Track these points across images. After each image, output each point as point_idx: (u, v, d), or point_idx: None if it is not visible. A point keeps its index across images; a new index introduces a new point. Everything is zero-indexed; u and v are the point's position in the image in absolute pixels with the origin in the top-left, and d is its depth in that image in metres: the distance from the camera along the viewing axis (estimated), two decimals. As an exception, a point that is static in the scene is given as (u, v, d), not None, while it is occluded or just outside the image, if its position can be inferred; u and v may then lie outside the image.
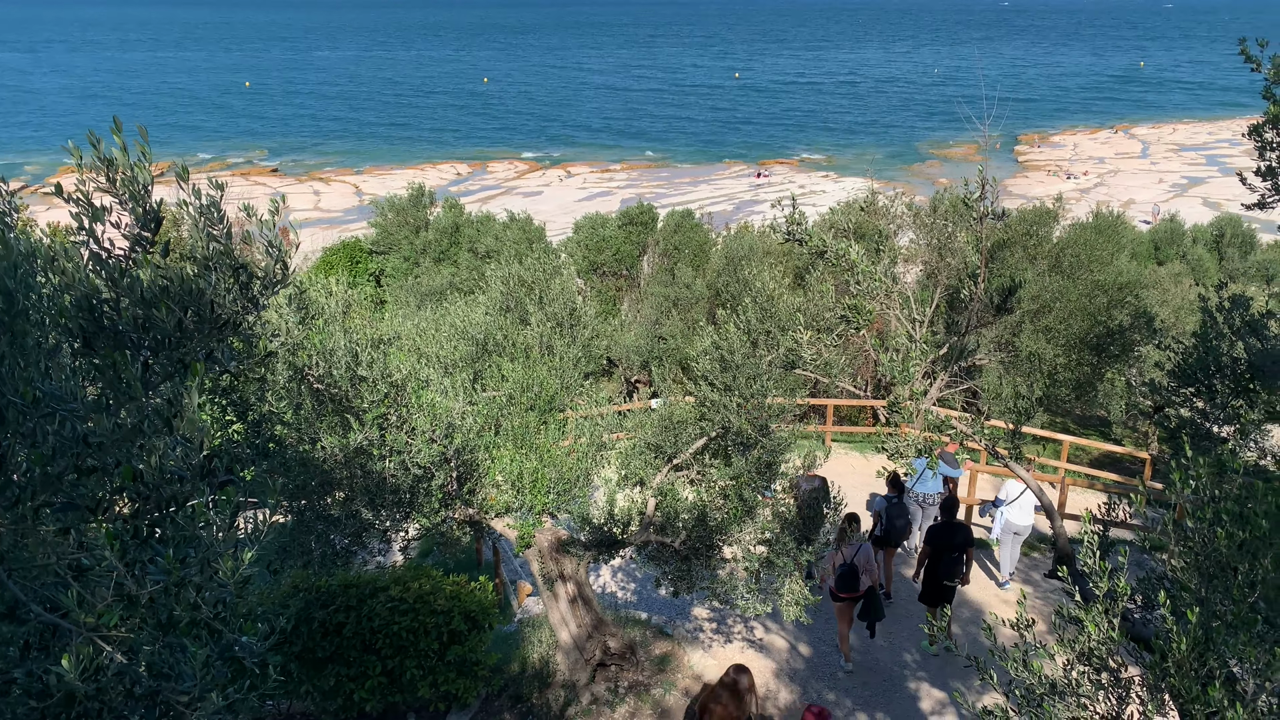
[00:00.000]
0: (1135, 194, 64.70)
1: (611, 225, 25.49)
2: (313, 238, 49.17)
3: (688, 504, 9.26)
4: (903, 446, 6.51)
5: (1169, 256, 40.23)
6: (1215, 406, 6.09)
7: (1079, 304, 20.71)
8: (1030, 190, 63.53)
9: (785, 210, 8.46)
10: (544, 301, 10.62)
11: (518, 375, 9.71)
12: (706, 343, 9.10)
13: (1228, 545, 3.67)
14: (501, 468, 9.63)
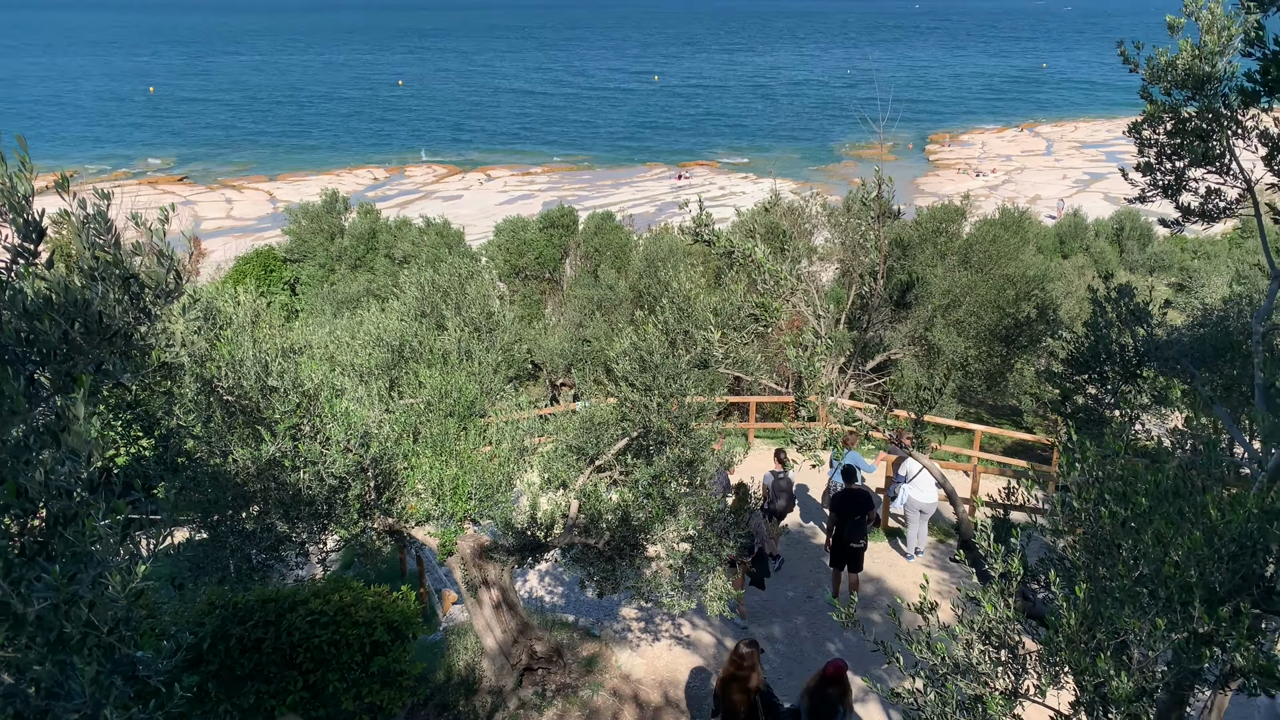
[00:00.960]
0: (1041, 190, 67.00)
1: (532, 228, 25.41)
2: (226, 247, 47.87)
3: (611, 504, 9.29)
4: (809, 439, 6.67)
5: (1073, 250, 41.78)
6: (1106, 392, 6.39)
7: (988, 298, 21.38)
8: (941, 188, 65.25)
9: (693, 212, 8.57)
10: (460, 306, 10.54)
11: (435, 382, 9.62)
12: (626, 344, 9.15)
13: (1111, 524, 3.86)
14: (421, 475, 9.53)
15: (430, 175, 78.24)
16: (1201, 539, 3.78)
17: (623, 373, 8.91)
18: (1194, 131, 6.01)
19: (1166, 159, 6.33)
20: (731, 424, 19.12)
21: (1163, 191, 6.47)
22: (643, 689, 11.11)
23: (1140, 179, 6.64)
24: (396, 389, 10.30)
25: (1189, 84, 6.06)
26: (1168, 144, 6.27)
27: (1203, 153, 5.96)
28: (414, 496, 9.72)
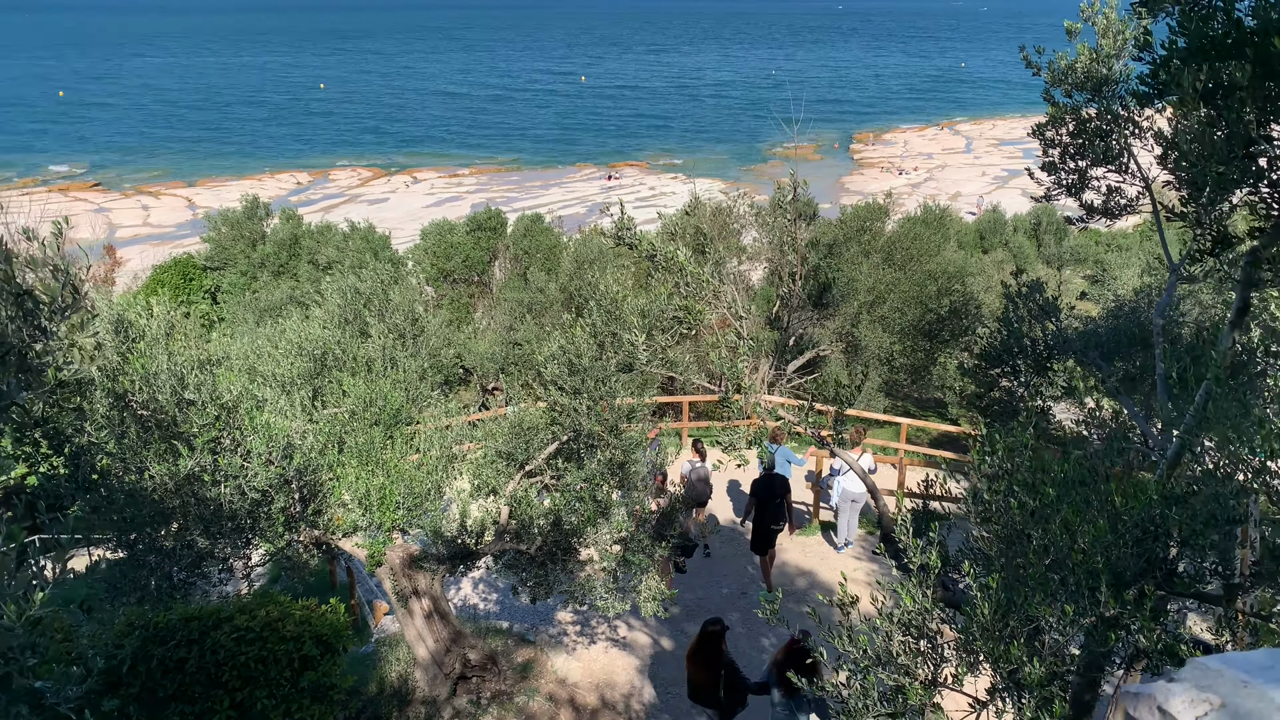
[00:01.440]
0: (962, 187, 68.63)
1: (459, 231, 25.16)
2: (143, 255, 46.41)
3: (543, 509, 9.26)
4: (734, 438, 6.76)
5: (993, 245, 42.84)
6: (1019, 384, 6.61)
7: (911, 294, 21.84)
8: (866, 186, 66.42)
9: (615, 215, 8.59)
10: (384, 312, 10.39)
11: (359, 390, 9.47)
12: (554, 347, 9.13)
13: (1021, 514, 3.98)
14: (347, 486, 9.37)
15: (355, 178, 76.92)
16: (1106, 526, 3.91)
17: (552, 376, 8.88)
18: (1094, 132, 6.24)
19: (1070, 159, 6.56)
20: (665, 424, 19.20)
21: (1066, 190, 6.70)
22: (579, 692, 11.09)
23: (1045, 178, 6.87)
24: (320, 399, 10.11)
25: (1088, 86, 6.30)
26: (1070, 144, 6.50)
27: (1103, 152, 6.19)
28: (340, 508, 9.55)
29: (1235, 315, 4.95)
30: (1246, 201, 4.40)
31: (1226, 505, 4.28)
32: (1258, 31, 3.73)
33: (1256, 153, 4.09)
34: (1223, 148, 4.03)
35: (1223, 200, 4.48)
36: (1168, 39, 4.15)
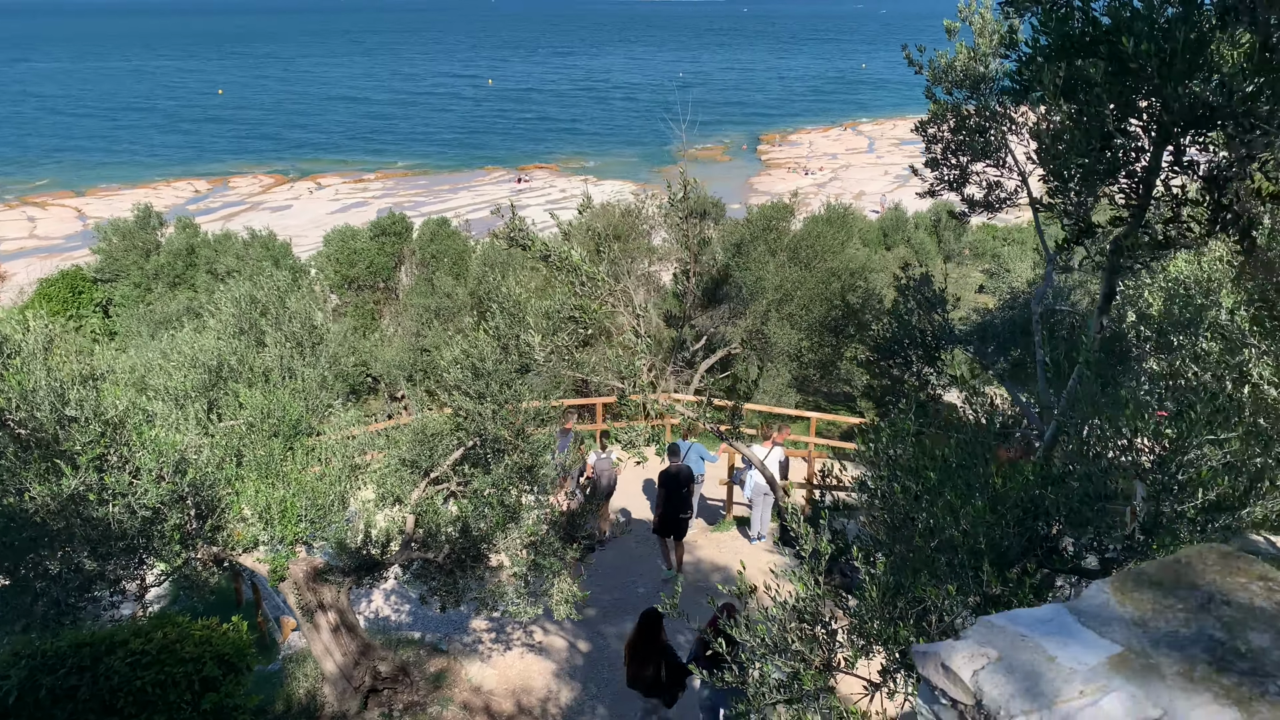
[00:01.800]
0: (865, 186, 70.29)
1: (363, 237, 24.70)
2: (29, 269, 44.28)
3: (450, 516, 9.14)
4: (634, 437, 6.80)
5: (896, 242, 43.97)
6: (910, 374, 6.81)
7: (816, 291, 22.29)
8: (774, 187, 67.46)
9: (506, 217, 8.57)
10: (281, 321, 10.13)
11: (256, 401, 9.21)
12: (457, 351, 9.02)
13: (905, 498, 4.09)
14: (247, 500, 9.10)
15: (256, 185, 74.79)
16: (985, 507, 4.04)
17: (455, 381, 8.78)
18: (973, 128, 6.47)
19: (951, 154, 6.79)
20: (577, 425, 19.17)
21: (949, 185, 6.93)
22: (495, 699, 10.99)
23: (929, 174, 7.08)
24: (216, 411, 9.80)
25: (967, 84, 6.52)
26: (951, 140, 6.73)
27: (981, 148, 6.43)
28: (240, 522, 9.28)
29: (1102, 302, 5.20)
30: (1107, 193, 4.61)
31: (1099, 483, 4.47)
32: (1111, 30, 3.93)
33: (1114, 146, 4.30)
34: (1083, 142, 4.22)
35: (1087, 192, 4.69)
36: (1031, 38, 4.34)
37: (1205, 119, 3.99)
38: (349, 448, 9.67)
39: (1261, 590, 1.18)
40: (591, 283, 6.87)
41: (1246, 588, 1.20)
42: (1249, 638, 1.09)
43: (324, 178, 77.13)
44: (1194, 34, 3.73)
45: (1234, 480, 4.63)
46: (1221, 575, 1.25)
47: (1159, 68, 3.78)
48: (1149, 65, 3.77)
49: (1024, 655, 1.14)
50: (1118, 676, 1.05)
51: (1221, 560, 1.33)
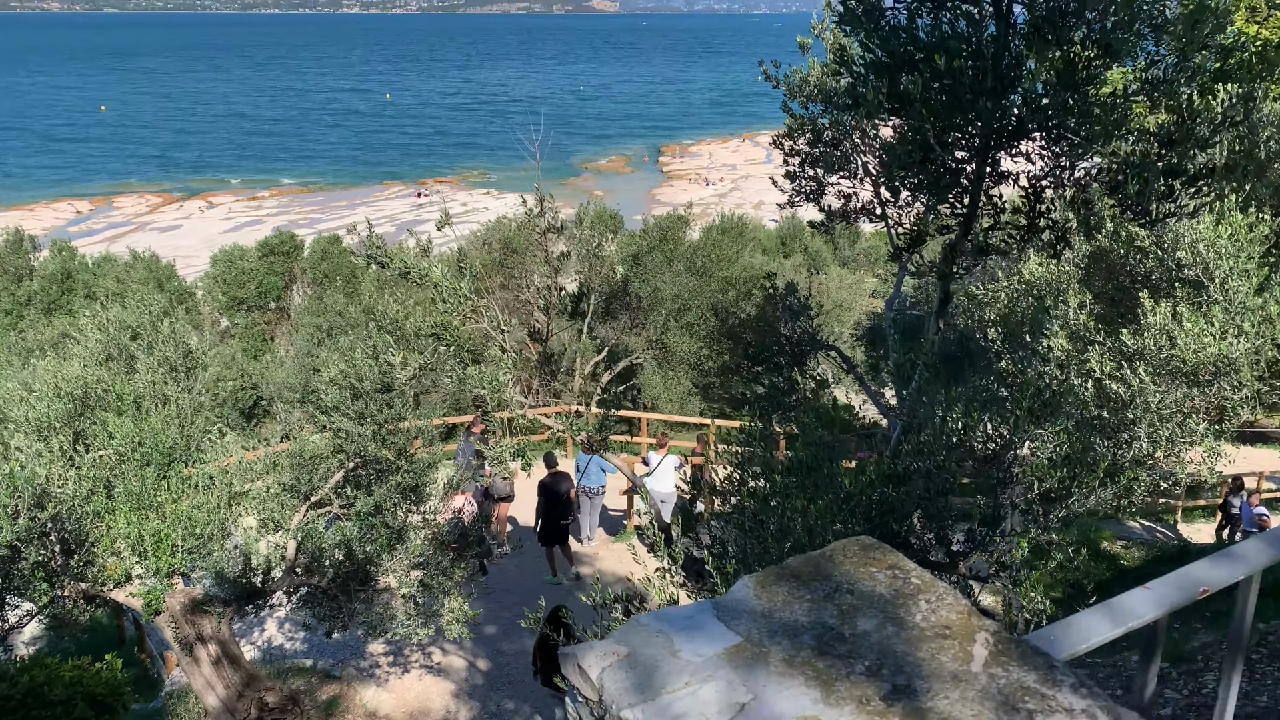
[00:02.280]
0: (764, 195, 71.57)
1: (252, 256, 24.05)
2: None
3: (333, 540, 8.96)
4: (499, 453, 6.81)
5: (794, 250, 44.90)
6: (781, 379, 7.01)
7: (713, 299, 22.63)
8: (675, 198, 68.19)
9: (361, 234, 8.49)
10: (153, 346, 9.79)
11: (127, 430, 8.87)
12: (334, 371, 8.87)
13: (754, 501, 4.21)
14: (119, 532, 8.76)
15: (144, 205, 72.02)
16: (828, 506, 4.18)
17: (333, 402, 8.63)
18: (828, 141, 6.71)
19: (808, 166, 7.01)
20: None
21: (806, 197, 7.16)
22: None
23: (789, 185, 7.30)
24: (83, 441, 9.40)
25: (820, 98, 6.75)
26: (808, 153, 6.96)
27: (836, 160, 6.66)
28: (112, 556, 8.92)
29: (939, 306, 5.46)
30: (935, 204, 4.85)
31: (939, 480, 4.67)
32: (929, 48, 4.14)
33: (937, 159, 4.53)
34: (907, 155, 4.44)
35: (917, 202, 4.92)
36: (859, 55, 4.54)
37: (1020, 132, 4.25)
38: (229, 474, 9.40)
39: (886, 579, 1.27)
40: (455, 299, 6.86)
41: (874, 577, 1.29)
42: (857, 623, 1.18)
43: (215, 196, 74.77)
44: (1007, 52, 3.97)
45: (1067, 471, 4.89)
46: (856, 566, 1.34)
47: (974, 84, 4.01)
48: (964, 81, 4.00)
49: (650, 651, 1.21)
50: (726, 666, 1.13)
51: (861, 552, 1.42)
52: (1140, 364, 6.35)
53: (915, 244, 5.13)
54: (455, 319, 6.83)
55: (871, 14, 4.42)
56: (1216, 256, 6.36)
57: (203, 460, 9.73)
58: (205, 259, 44.15)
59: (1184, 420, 6.49)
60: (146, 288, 21.85)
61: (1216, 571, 1.54)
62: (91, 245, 50.10)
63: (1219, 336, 6.03)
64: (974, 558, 5.05)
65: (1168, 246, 7.04)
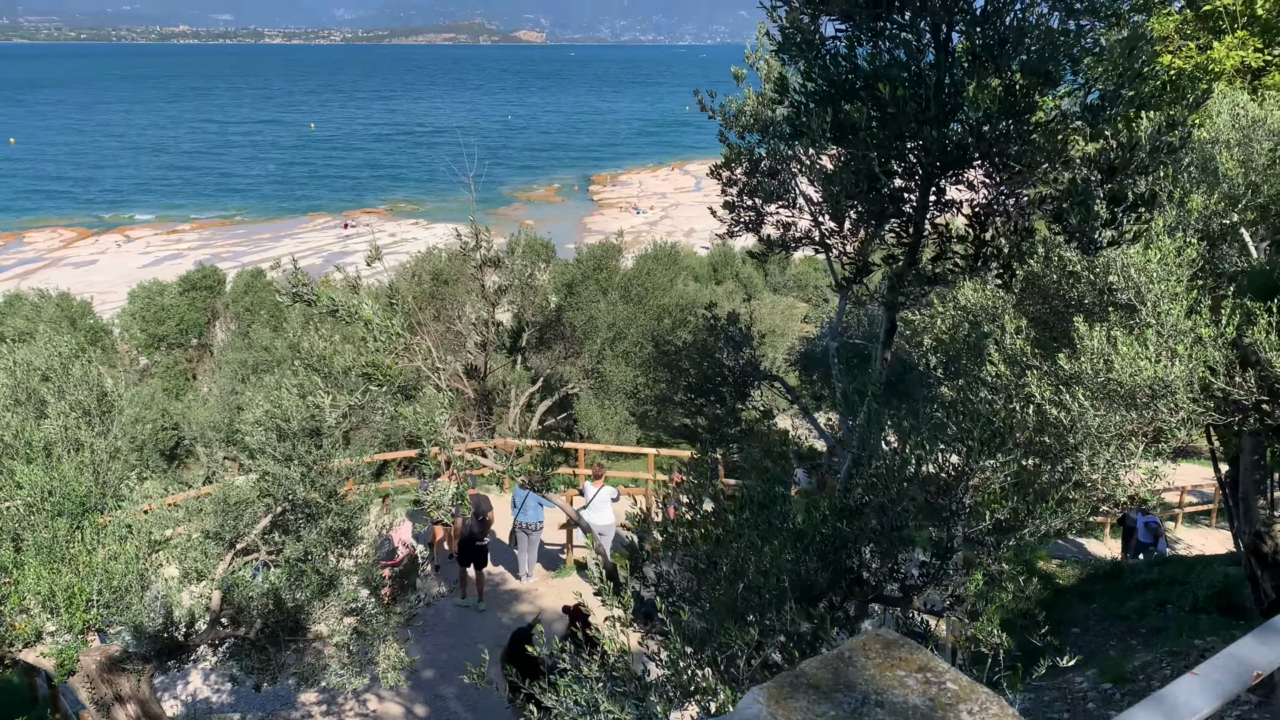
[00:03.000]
0: (694, 223, 72.27)
1: (172, 292, 23.27)
2: None
3: (261, 589, 8.55)
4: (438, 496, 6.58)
5: (725, 276, 45.28)
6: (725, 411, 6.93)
7: (648, 327, 22.58)
8: (607, 226, 68.29)
9: (286, 269, 8.21)
10: (64, 389, 9.28)
11: (36, 478, 8.37)
12: (260, 412, 8.50)
13: (706, 543, 4.07)
14: (28, 588, 8.24)
15: (56, 240, 69.56)
16: (781, 546, 4.06)
17: (259, 444, 8.25)
18: (765, 171, 6.69)
19: (746, 196, 6.98)
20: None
21: (745, 227, 7.12)
22: (323, 778, 10.35)
23: (727, 216, 7.26)
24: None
25: (757, 128, 6.74)
26: (746, 183, 6.93)
27: (774, 190, 6.64)
28: (22, 614, 8.39)
29: (885, 336, 5.43)
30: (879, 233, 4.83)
31: (892, 514, 4.59)
32: (871, 76, 4.13)
33: (881, 187, 4.51)
34: (852, 184, 4.41)
35: (861, 232, 4.90)
36: (800, 83, 4.51)
37: (962, 160, 4.25)
38: (148, 522, 8.93)
39: (918, 685, 1.15)
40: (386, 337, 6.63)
41: (904, 683, 1.17)
42: (892, 742, 1.06)
43: (132, 230, 72.59)
44: (947, 80, 3.96)
45: (1018, 501, 4.86)
46: (881, 670, 1.22)
47: (916, 112, 3.99)
48: (907, 110, 3.98)
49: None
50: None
51: (884, 652, 1.30)
52: (1079, 388, 6.39)
53: (860, 274, 5.11)
54: (388, 357, 6.59)
55: (811, 43, 4.39)
56: (1148, 281, 6.46)
57: (120, 507, 9.23)
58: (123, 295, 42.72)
59: (1123, 443, 6.55)
60: (58, 326, 20.95)
61: (1267, 651, 1.42)
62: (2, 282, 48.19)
63: (1154, 360, 6.09)
64: (928, 591, 4.97)
65: (1099, 271, 7.14)
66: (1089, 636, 11.92)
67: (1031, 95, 4.02)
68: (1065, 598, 13.32)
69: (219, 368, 22.25)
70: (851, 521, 4.66)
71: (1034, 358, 7.11)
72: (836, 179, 4.44)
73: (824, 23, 4.41)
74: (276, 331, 22.18)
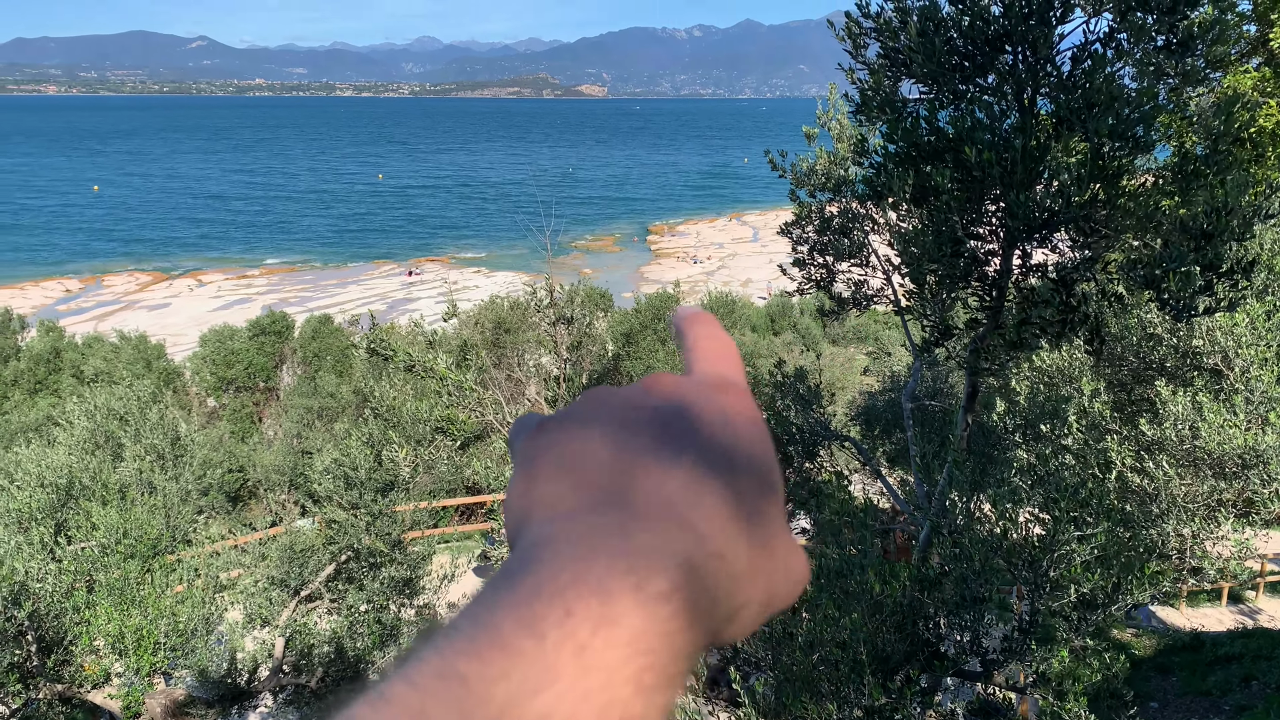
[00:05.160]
0: (751, 273, 72.20)
1: (241, 336, 23.84)
2: (-127, 376, 41.07)
3: (323, 637, 8.58)
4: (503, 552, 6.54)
5: (783, 327, 45.10)
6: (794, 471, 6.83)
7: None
8: (664, 275, 68.66)
9: (364, 327, 8.35)
10: (141, 433, 9.52)
11: (111, 520, 8.56)
12: (328, 460, 8.61)
13: (781, 614, 3.97)
14: (98, 628, 8.38)
15: (133, 283, 71.99)
16: (860, 619, 3.94)
17: (327, 491, 8.34)
18: (837, 229, 6.64)
19: (817, 254, 6.94)
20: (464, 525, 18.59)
21: (816, 285, 7.05)
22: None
23: (797, 273, 7.21)
24: (65, 533, 9.07)
25: (829, 186, 6.71)
26: (817, 241, 6.88)
27: (846, 248, 6.58)
28: (91, 654, 8.53)
29: (966, 400, 5.30)
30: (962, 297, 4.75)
31: (974, 585, 4.44)
32: (955, 139, 4.08)
33: (965, 251, 4.43)
34: (935, 247, 4.34)
35: (942, 295, 4.82)
36: (880, 145, 4.48)
37: (1048, 224, 4.15)
38: (214, 565, 9.05)
39: None
40: (459, 392, 6.67)
41: None
42: None
43: (205, 274, 74.89)
44: (1033, 143, 3.89)
45: (1104, 574, 4.67)
46: None
47: (1001, 176, 3.93)
48: (992, 173, 3.91)
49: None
50: None
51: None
52: (1162, 455, 6.18)
53: (943, 338, 5.00)
54: (461, 412, 6.62)
55: (892, 105, 4.37)
56: (1235, 344, 6.24)
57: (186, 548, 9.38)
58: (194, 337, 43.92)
59: (1210, 513, 6.29)
60: (134, 368, 21.59)
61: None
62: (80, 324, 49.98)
63: (1244, 427, 5.86)
64: (1010, 666, 4.79)
65: (1183, 334, 6.93)
66: (1168, 712, 11.38)
67: (1121, 160, 3.93)
68: (1142, 670, 12.75)
69: (284, 412, 22.67)
70: (931, 591, 4.52)
71: (1114, 422, 6.91)
72: (917, 240, 4.39)
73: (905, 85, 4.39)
74: (341, 377, 22.56)
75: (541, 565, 0.32)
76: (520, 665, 0.30)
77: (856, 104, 4.69)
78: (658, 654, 0.31)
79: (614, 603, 0.31)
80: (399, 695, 0.30)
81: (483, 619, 0.31)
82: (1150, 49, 4.74)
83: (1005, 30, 4.59)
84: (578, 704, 0.30)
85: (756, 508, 0.38)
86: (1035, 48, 4.68)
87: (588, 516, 0.35)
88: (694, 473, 0.37)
